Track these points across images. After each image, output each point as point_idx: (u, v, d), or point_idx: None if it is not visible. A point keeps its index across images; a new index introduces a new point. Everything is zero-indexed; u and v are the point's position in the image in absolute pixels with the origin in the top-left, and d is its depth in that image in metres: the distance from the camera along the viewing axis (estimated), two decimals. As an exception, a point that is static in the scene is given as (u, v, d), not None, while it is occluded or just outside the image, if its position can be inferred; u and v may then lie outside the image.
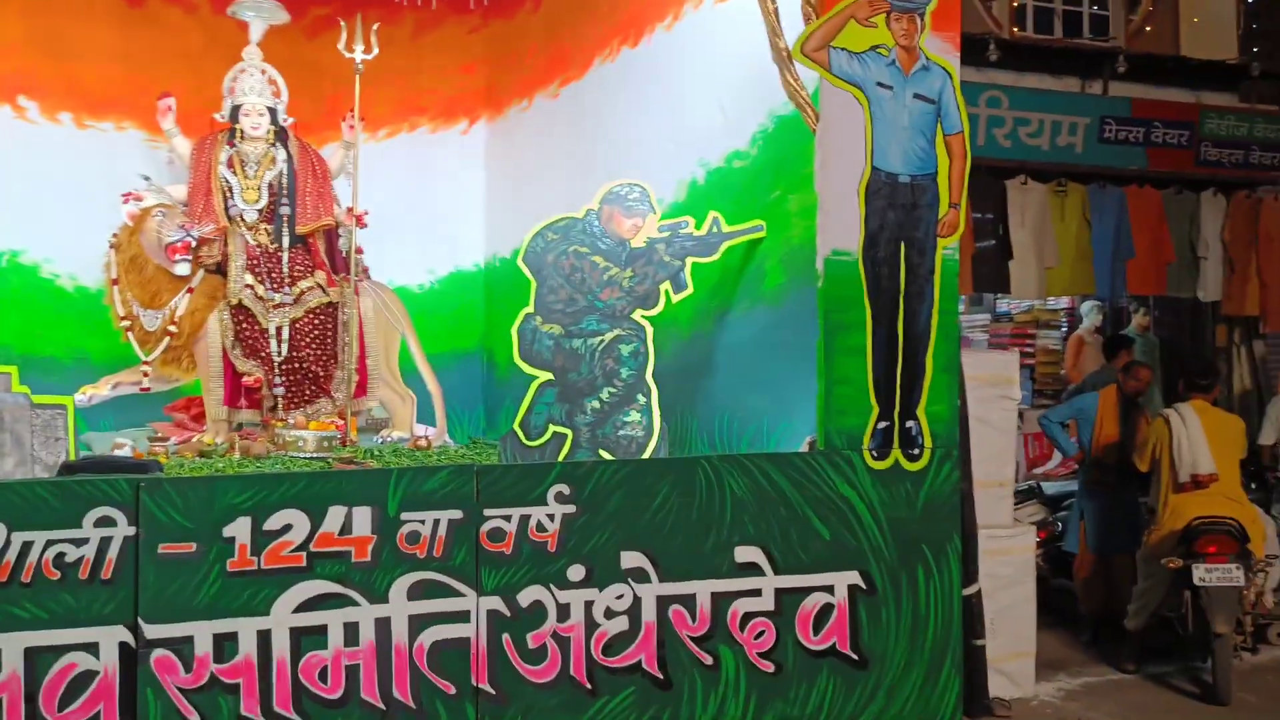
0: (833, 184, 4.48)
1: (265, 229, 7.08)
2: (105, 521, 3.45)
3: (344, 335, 7.10)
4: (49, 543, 3.39)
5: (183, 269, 6.71)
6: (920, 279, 4.51)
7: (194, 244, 6.67)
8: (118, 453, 5.61)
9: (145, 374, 6.85)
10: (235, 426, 6.87)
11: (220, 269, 6.96)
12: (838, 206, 4.45)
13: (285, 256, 7.02)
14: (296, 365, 6.98)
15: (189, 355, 6.89)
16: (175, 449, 6.47)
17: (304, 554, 3.63)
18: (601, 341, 5.48)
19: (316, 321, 7.06)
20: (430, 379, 7.55)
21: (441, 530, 3.79)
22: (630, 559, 3.99)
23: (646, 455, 5.35)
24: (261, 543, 3.59)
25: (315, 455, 6.35)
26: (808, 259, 4.64)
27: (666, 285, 5.50)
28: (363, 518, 3.71)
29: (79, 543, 3.42)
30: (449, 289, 8.64)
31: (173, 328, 6.76)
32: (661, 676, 4.00)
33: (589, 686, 3.92)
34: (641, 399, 5.46)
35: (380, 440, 7.14)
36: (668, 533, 4.04)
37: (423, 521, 3.78)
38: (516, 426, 5.54)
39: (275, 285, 6.92)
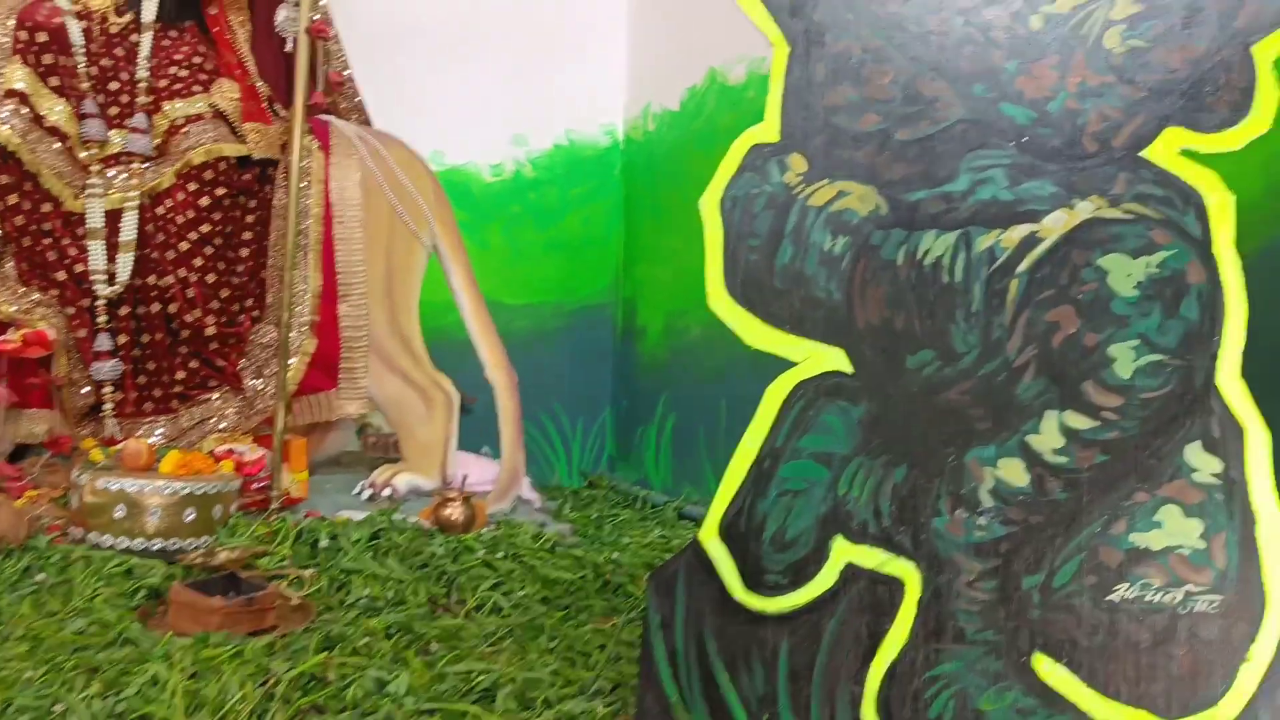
0: None
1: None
2: None
3: (279, 241, 3.44)
4: None
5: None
6: None
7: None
8: None
9: None
10: (8, 451, 3.31)
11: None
12: None
13: (146, 41, 3.40)
14: (150, 311, 3.37)
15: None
16: None
17: None
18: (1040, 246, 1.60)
19: (208, 203, 3.38)
20: (493, 356, 3.77)
21: None
22: None
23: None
24: None
25: (156, 546, 2.68)
26: None
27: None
28: None
29: None
30: (551, 174, 4.97)
31: None
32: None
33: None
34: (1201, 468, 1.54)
35: (364, 495, 3.46)
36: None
37: None
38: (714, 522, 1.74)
39: (117, 114, 3.31)
